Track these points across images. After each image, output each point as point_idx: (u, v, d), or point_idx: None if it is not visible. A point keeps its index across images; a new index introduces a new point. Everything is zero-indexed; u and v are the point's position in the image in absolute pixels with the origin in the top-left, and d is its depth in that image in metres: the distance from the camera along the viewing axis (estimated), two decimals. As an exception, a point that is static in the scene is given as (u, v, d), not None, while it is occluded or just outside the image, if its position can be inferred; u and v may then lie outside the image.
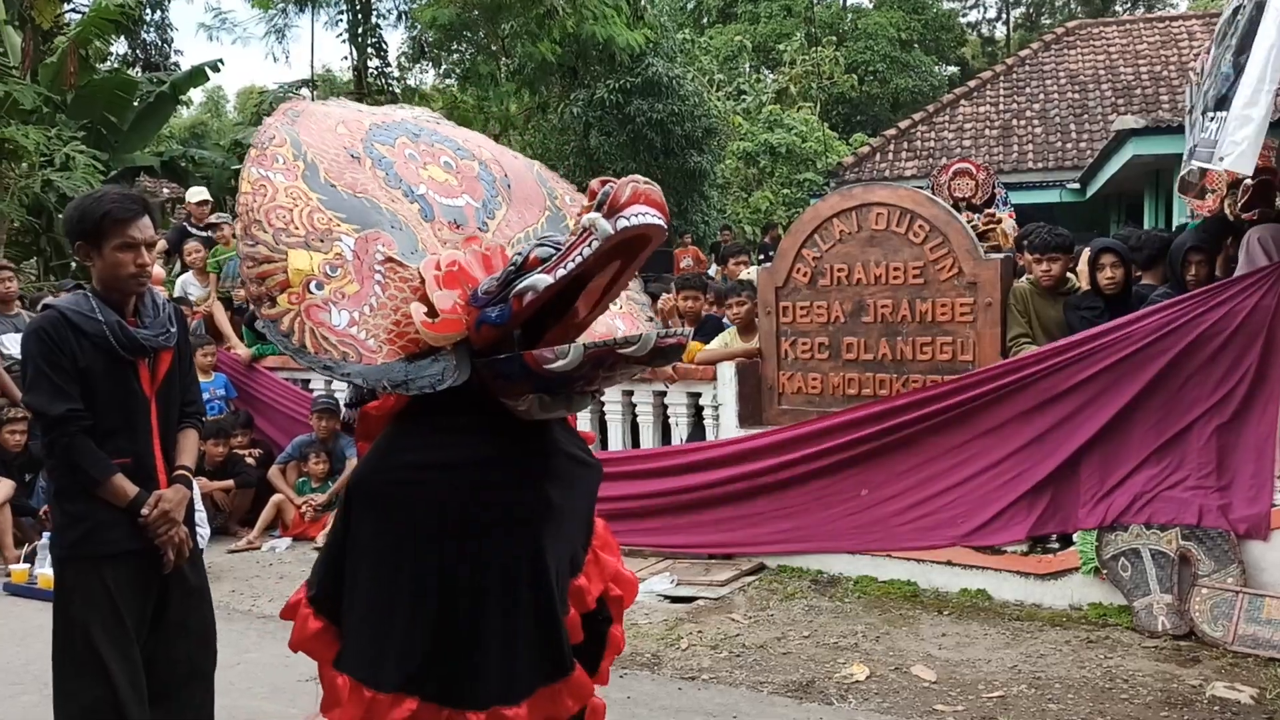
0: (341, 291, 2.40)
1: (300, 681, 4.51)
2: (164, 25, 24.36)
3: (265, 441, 7.86)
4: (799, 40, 28.66)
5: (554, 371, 2.27)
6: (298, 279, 2.36)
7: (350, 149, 2.73)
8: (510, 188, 3.00)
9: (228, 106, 37.56)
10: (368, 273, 2.46)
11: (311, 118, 2.79)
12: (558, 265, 2.31)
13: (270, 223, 2.42)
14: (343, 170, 2.65)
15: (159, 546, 3.02)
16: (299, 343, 2.30)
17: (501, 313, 2.37)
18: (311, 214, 2.49)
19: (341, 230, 2.50)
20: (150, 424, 3.08)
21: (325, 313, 2.35)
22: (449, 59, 19.76)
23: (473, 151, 3.05)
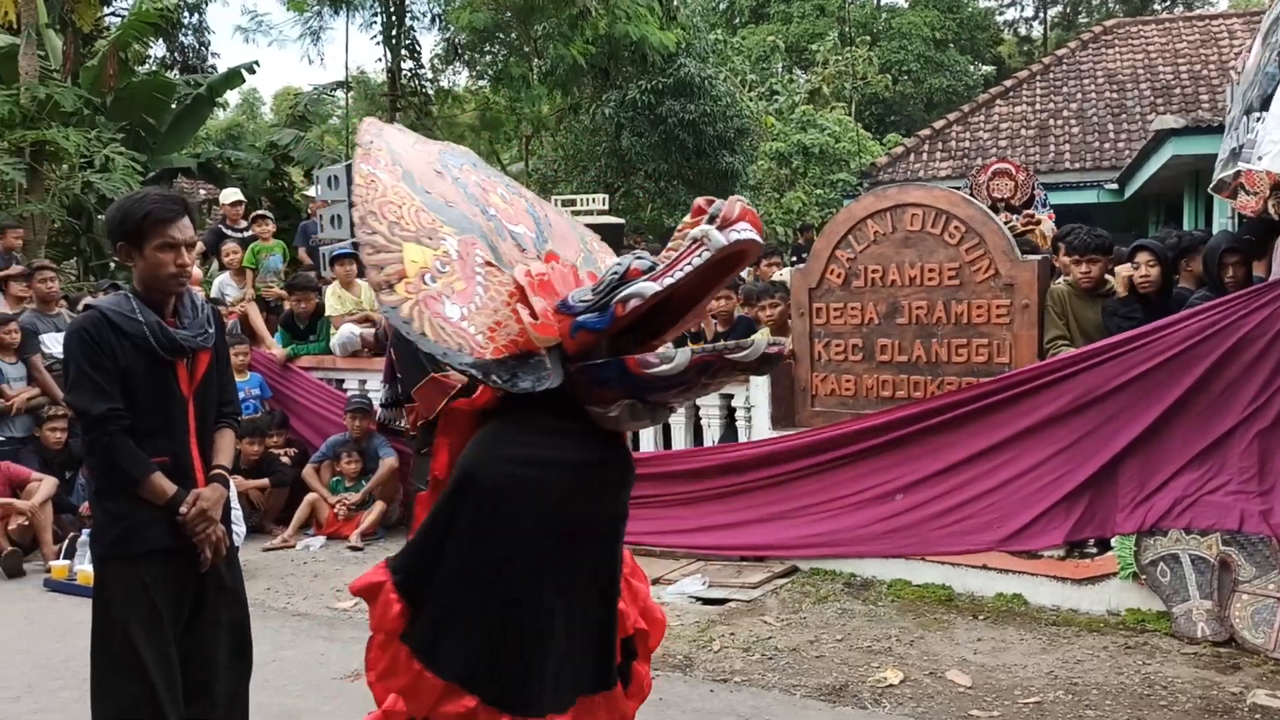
0: (452, 287, 2.49)
1: (334, 680, 4.55)
2: (201, 28, 24.71)
3: (299, 441, 7.92)
4: (832, 40, 28.54)
5: (657, 376, 2.34)
6: (413, 270, 2.44)
7: (433, 165, 2.84)
8: (551, 225, 3.11)
9: (263, 108, 37.93)
10: (470, 274, 2.55)
11: (392, 134, 2.90)
12: (665, 274, 2.39)
13: (384, 215, 2.50)
14: (432, 180, 2.75)
15: (196, 545, 3.04)
16: (420, 330, 2.37)
17: (601, 319, 2.43)
18: (418, 213, 2.59)
19: (445, 231, 2.60)
20: (188, 423, 3.10)
21: (440, 304, 2.44)
22: (481, 61, 19.85)
23: (519, 190, 3.17)
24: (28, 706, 4.33)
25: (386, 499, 7.28)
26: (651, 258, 2.47)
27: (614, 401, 2.43)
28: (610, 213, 15.97)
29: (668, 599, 5.52)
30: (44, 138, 12.58)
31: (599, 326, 2.42)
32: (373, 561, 6.56)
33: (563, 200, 16.25)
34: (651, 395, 2.40)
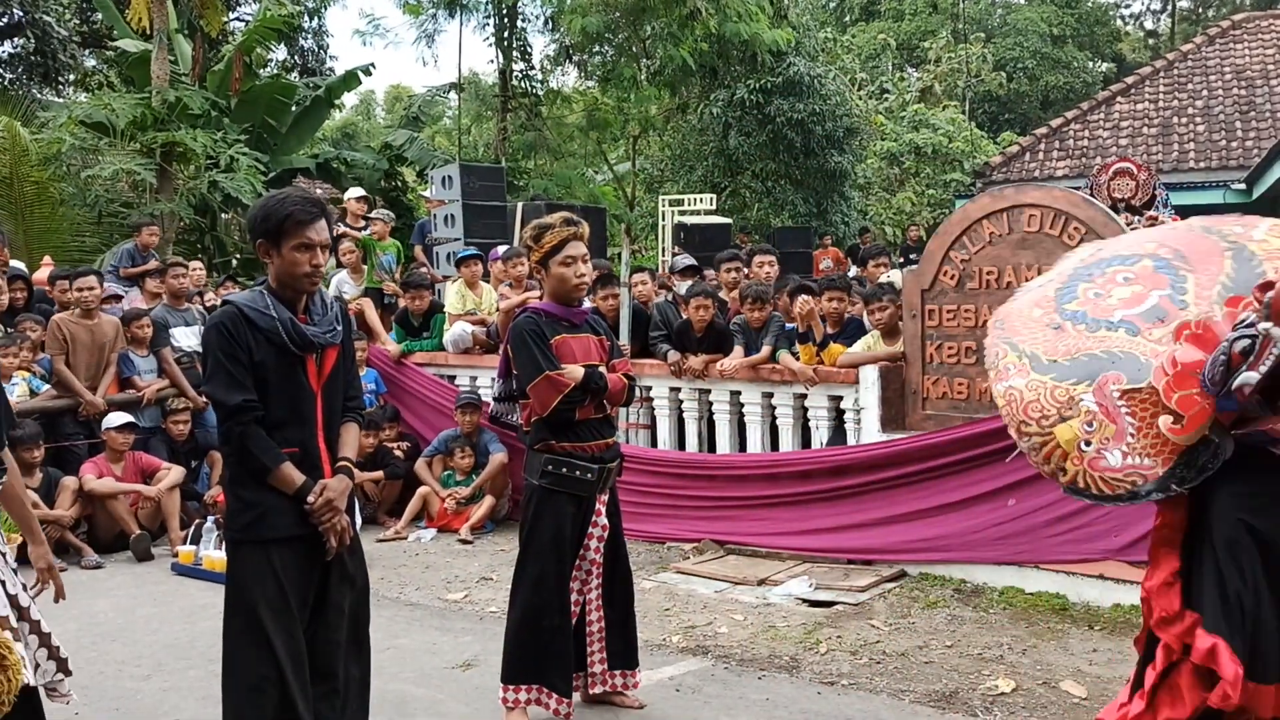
0: (1105, 438, 2.74)
1: (446, 669, 4.66)
2: (321, 32, 25.41)
3: (412, 435, 8.11)
4: (945, 37, 28.04)
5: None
6: (1069, 446, 2.74)
7: (1050, 323, 3.06)
8: (1185, 257, 3.14)
9: (377, 109, 38.87)
10: (1115, 412, 2.76)
11: (1011, 317, 3.16)
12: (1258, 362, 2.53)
13: (1029, 416, 2.83)
14: (1055, 344, 2.98)
15: (322, 533, 3.16)
16: (1097, 491, 2.72)
17: (1230, 403, 2.61)
18: (1053, 392, 2.84)
19: (1079, 391, 2.83)
20: (316, 416, 3.21)
21: (1103, 460, 2.72)
22: (591, 61, 20.02)
23: (1138, 253, 3.25)
24: (158, 685, 4.54)
25: (496, 494, 7.42)
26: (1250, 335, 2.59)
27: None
28: (717, 212, 16.01)
29: (774, 600, 5.51)
30: (173, 139, 13.14)
31: (1232, 408, 2.61)
32: (482, 554, 6.69)
33: (670, 200, 16.36)
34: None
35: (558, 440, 3.88)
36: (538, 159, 20.96)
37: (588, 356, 3.96)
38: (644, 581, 5.94)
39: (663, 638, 5.02)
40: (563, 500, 3.88)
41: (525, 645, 3.86)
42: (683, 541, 6.60)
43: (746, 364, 6.74)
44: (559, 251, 3.90)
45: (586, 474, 3.88)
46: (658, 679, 4.47)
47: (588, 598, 4.02)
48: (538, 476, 3.90)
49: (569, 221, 3.96)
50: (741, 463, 6.71)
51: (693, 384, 7.10)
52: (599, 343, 4.06)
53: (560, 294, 3.98)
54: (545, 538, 3.87)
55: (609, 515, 4.03)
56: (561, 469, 3.87)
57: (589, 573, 4.00)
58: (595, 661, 4.07)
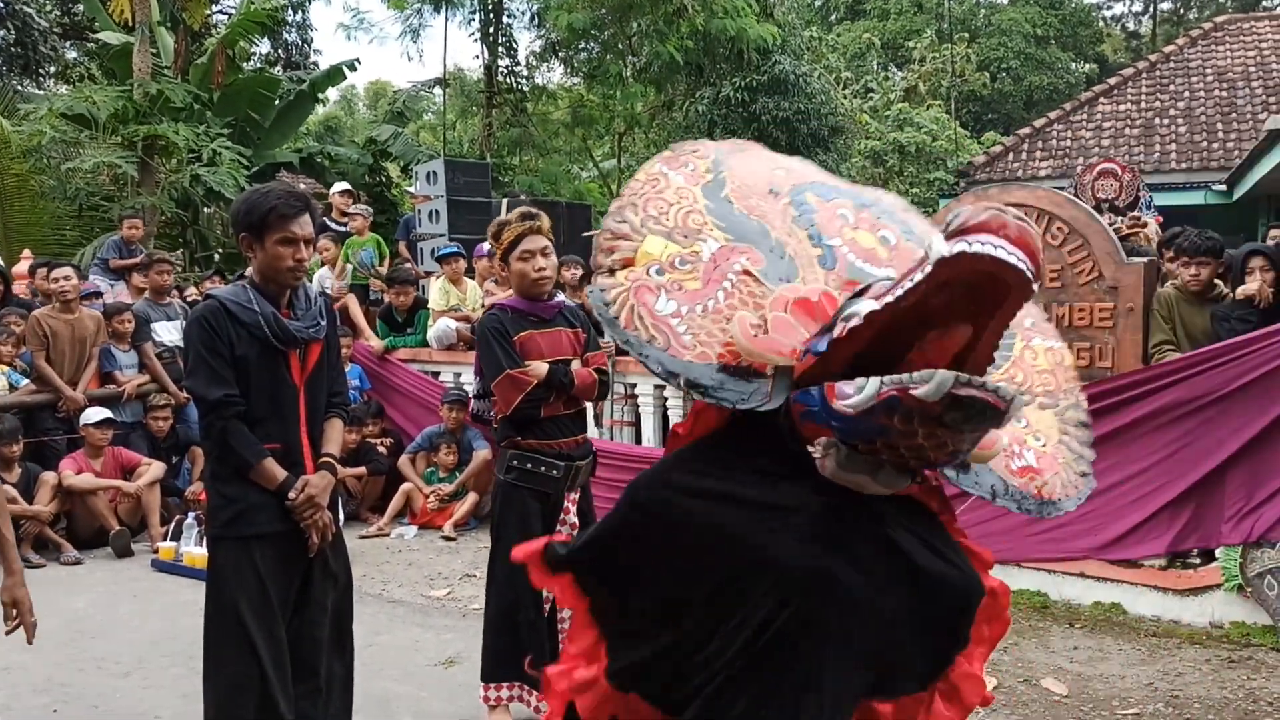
0: (679, 284, 2.30)
1: (429, 666, 4.65)
2: (304, 26, 25.28)
3: (395, 431, 8.09)
4: (929, 37, 28.08)
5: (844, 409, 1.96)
6: (643, 260, 2.32)
7: (774, 186, 2.61)
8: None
9: (359, 104, 38.70)
10: (716, 277, 2.33)
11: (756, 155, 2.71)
12: (889, 291, 2.00)
13: (645, 209, 2.40)
14: (749, 195, 2.54)
15: (304, 529, 3.14)
16: (615, 314, 2.23)
17: (820, 340, 2.11)
18: (688, 214, 2.42)
19: (711, 235, 2.40)
20: (299, 412, 3.20)
21: (653, 296, 2.28)
22: (577, 58, 20.00)
23: None
24: (137, 682, 4.51)
25: (479, 490, 7.40)
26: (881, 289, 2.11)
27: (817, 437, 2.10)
28: (701, 210, 15.97)
29: None
30: (155, 132, 13.04)
31: (817, 349, 2.09)
32: (465, 551, 6.66)
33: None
34: (852, 436, 2.01)
35: (523, 437, 3.84)
36: (523, 155, 20.91)
37: (558, 351, 3.92)
38: (627, 579, 5.95)
39: (646, 635, 5.01)
40: (529, 497, 3.84)
41: (503, 642, 3.83)
42: (666, 539, 6.59)
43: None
44: (517, 246, 3.86)
45: (553, 470, 3.84)
46: (641, 676, 4.46)
47: None
48: (504, 472, 3.87)
49: (526, 216, 3.90)
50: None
51: (677, 381, 7.08)
52: (572, 336, 4.01)
53: (523, 289, 3.93)
54: (513, 534, 3.78)
55: (580, 514, 3.96)
56: (527, 464, 3.83)
57: None
58: None
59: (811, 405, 2.05)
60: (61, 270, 7.60)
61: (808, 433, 2.10)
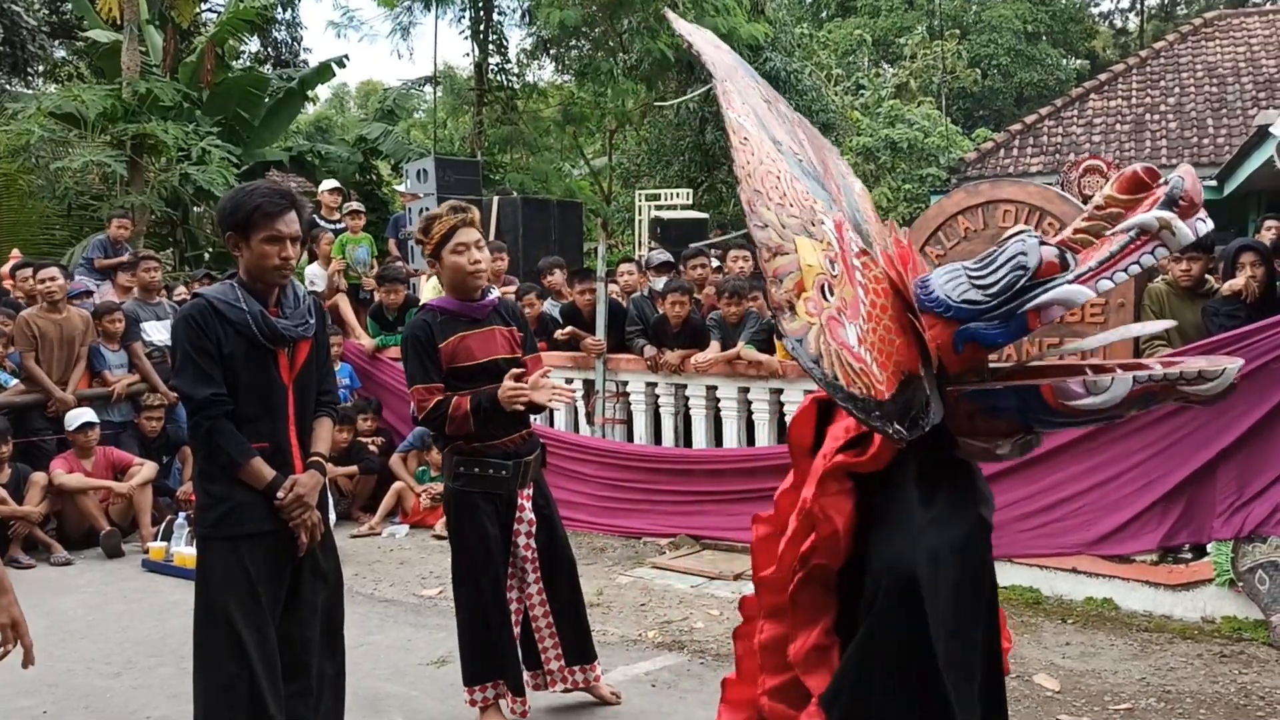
0: (844, 300, 1.89)
1: (420, 666, 4.63)
2: (294, 24, 25.20)
3: (387, 430, 8.06)
4: (920, 34, 28.10)
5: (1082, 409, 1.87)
6: (810, 279, 1.84)
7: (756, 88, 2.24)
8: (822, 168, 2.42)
9: (350, 102, 38.62)
10: (850, 270, 1.95)
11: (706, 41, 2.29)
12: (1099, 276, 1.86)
13: (769, 195, 1.92)
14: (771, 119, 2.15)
15: (293, 529, 3.12)
16: (831, 372, 1.79)
17: (1004, 332, 1.94)
18: (793, 182, 1.99)
19: (819, 210, 1.99)
20: (287, 411, 3.18)
21: (842, 328, 1.85)
22: (567, 55, 19.96)
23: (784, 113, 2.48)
24: (128, 682, 4.49)
25: (471, 488, 7.37)
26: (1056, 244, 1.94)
27: (1007, 435, 1.97)
28: (694, 207, 15.98)
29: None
30: (144, 131, 13.00)
31: (999, 341, 1.93)
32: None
33: (646, 194, 16.33)
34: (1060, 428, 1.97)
35: (467, 440, 3.76)
36: (514, 153, 20.86)
37: (492, 351, 3.81)
38: (620, 577, 5.94)
39: (639, 633, 5.01)
40: (480, 500, 3.77)
41: (476, 647, 3.80)
42: (659, 536, 6.59)
43: (723, 359, 6.73)
44: (449, 240, 3.75)
45: (501, 471, 3.76)
46: (633, 674, 4.46)
47: (528, 593, 3.90)
48: (452, 479, 3.80)
49: (456, 209, 3.82)
50: (717, 458, 6.71)
51: (669, 379, 7.09)
52: (508, 334, 3.88)
53: (456, 285, 3.83)
54: (470, 540, 3.77)
55: (536, 508, 3.89)
56: (474, 469, 3.75)
57: (525, 570, 3.88)
58: (551, 659, 3.97)
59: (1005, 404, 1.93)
60: (48, 270, 7.56)
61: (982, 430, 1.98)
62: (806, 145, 2.29)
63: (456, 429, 3.69)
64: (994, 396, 1.93)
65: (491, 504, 3.78)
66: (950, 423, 1.96)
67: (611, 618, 5.24)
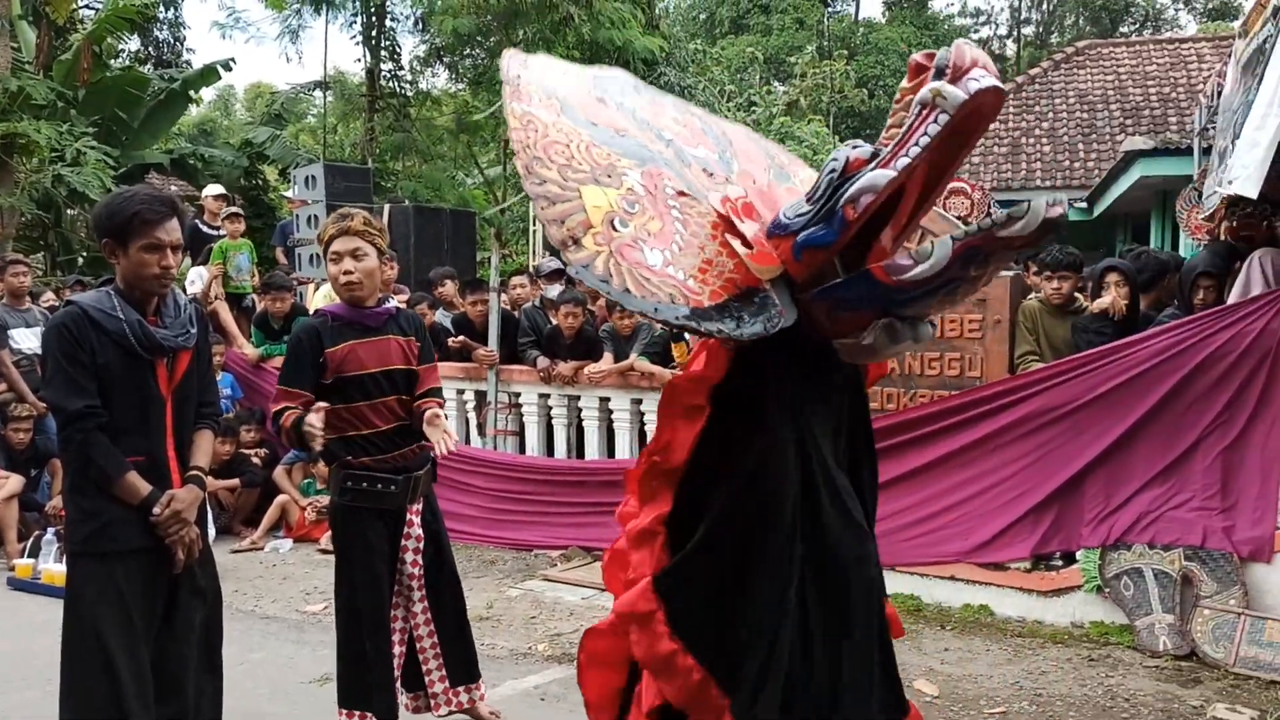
0: (646, 229, 2.09)
1: (303, 684, 4.53)
2: (177, 23, 24.50)
3: (271, 441, 7.88)
4: (810, 53, 28.74)
5: (914, 280, 1.96)
6: (598, 216, 2.05)
7: (590, 91, 2.46)
8: (732, 144, 2.70)
9: (237, 105, 37.68)
10: (664, 209, 2.15)
11: (539, 64, 2.53)
12: (896, 155, 1.99)
13: (551, 159, 2.13)
14: (594, 110, 2.38)
15: (169, 546, 3.03)
16: (622, 286, 1.98)
17: (828, 230, 2.05)
18: (589, 149, 2.20)
19: (624, 165, 2.20)
20: (165, 423, 3.08)
21: (638, 251, 2.05)
22: (462, 64, 19.82)
23: (688, 109, 2.79)
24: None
25: (357, 501, 7.25)
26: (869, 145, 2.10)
27: (865, 326, 2.08)
28: (587, 219, 16.01)
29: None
30: (15, 130, 12.47)
31: (828, 239, 2.05)
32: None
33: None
34: (909, 307, 2.04)
35: (354, 455, 3.64)
36: (406, 160, 20.62)
37: (385, 361, 3.70)
38: (510, 590, 5.91)
39: (528, 646, 4.99)
40: (367, 516, 3.66)
41: (350, 671, 3.66)
42: (550, 549, 6.58)
43: (616, 370, 6.77)
44: (329, 248, 3.68)
45: (389, 486, 3.65)
46: (522, 688, 4.44)
47: (413, 613, 3.79)
48: (339, 495, 3.68)
49: (339, 217, 3.72)
50: (610, 469, 6.72)
51: (562, 390, 7.09)
52: (404, 345, 3.77)
53: (337, 293, 3.76)
54: (354, 556, 3.66)
55: (425, 524, 3.79)
56: (361, 484, 3.64)
57: (410, 588, 3.77)
58: (435, 681, 3.84)
59: (851, 295, 2.05)
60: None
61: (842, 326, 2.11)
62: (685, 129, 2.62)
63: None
64: (836, 290, 2.09)
65: (379, 519, 3.68)
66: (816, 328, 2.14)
67: (501, 631, 5.21)
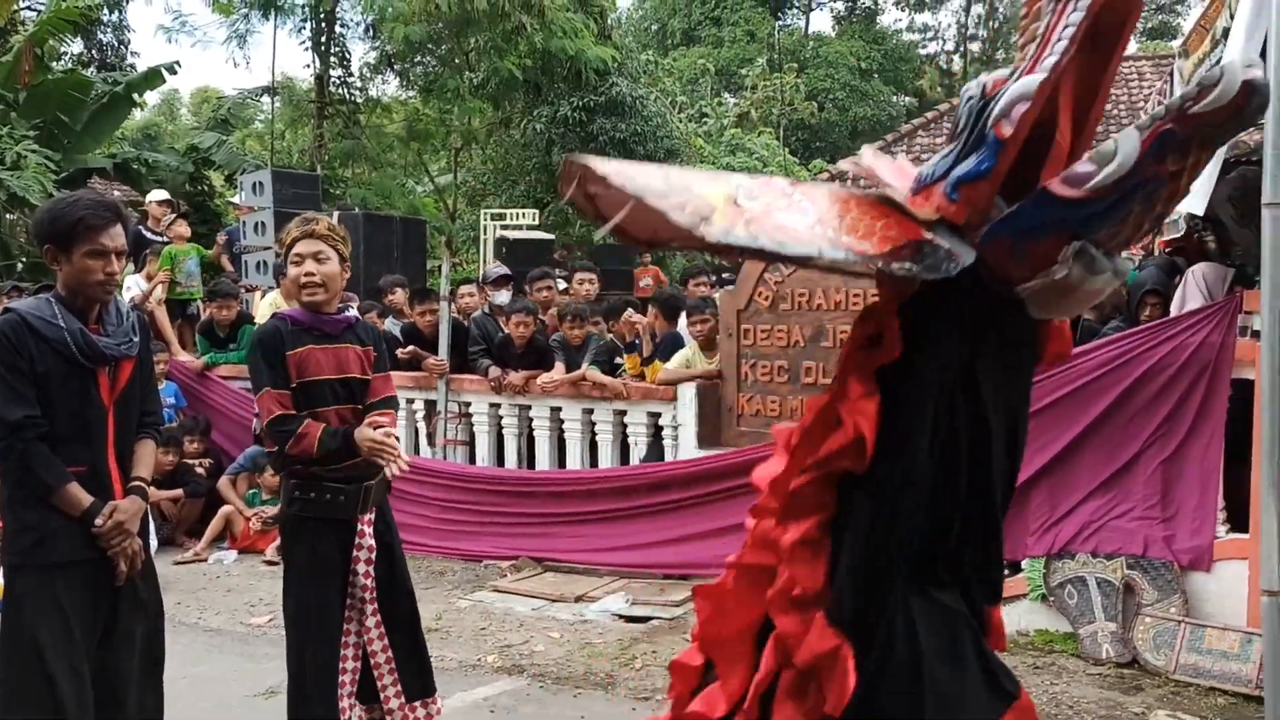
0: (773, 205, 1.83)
1: (247, 697, 4.47)
2: (121, 26, 24.09)
3: (216, 451, 7.76)
4: (761, 65, 28.98)
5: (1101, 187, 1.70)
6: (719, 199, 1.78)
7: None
8: None
9: (182, 110, 37.16)
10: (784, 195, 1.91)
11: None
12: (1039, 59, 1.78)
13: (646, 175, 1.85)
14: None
15: (111, 558, 2.97)
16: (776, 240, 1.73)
17: (984, 157, 1.82)
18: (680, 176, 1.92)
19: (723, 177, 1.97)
20: (107, 433, 3.02)
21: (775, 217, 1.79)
22: (412, 71, 19.73)
23: None
24: (-77, 722, 4.18)
25: (305, 512, 7.16)
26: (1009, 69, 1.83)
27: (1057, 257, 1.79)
28: (539, 228, 16.00)
29: (591, 617, 5.52)
30: (-48, 133, 12.24)
31: (986, 166, 1.82)
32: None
33: (492, 214, 16.26)
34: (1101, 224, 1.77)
35: (304, 464, 3.54)
36: (355, 167, 20.46)
37: (343, 369, 3.62)
38: (460, 601, 5.87)
39: (478, 658, 4.95)
40: (318, 526, 3.56)
41: (297, 683, 3.57)
42: (500, 559, 6.54)
43: (568, 380, 6.76)
44: (291, 250, 3.62)
45: (340, 495, 3.55)
46: (472, 700, 4.41)
47: (366, 627, 3.66)
48: (288, 504, 3.60)
49: (302, 221, 3.68)
50: (560, 479, 6.71)
51: (513, 400, 7.06)
52: (361, 354, 3.69)
53: (296, 297, 3.70)
54: (303, 567, 3.58)
55: (378, 535, 3.68)
56: (311, 493, 3.54)
57: (363, 600, 3.64)
58: (390, 697, 3.71)
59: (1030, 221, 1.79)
60: None
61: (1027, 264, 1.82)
62: None
63: (300, 450, 3.48)
64: (1010, 220, 1.82)
65: (330, 529, 3.58)
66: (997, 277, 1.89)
67: (450, 643, 5.17)
